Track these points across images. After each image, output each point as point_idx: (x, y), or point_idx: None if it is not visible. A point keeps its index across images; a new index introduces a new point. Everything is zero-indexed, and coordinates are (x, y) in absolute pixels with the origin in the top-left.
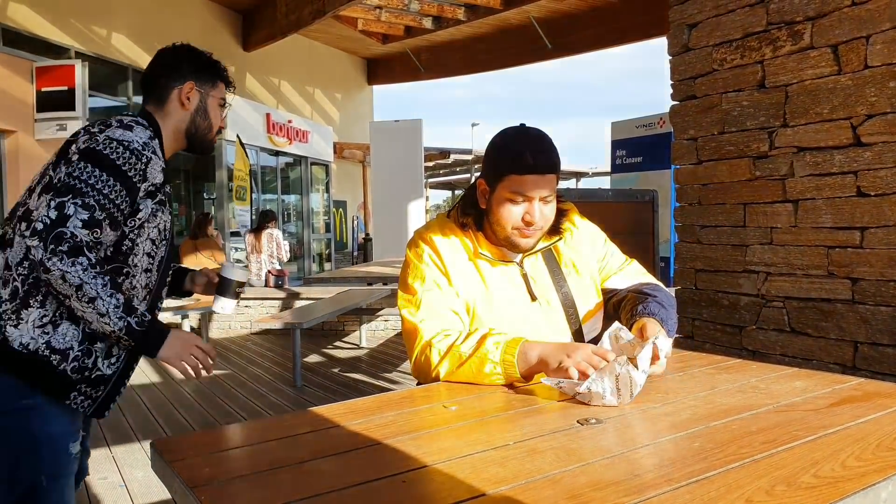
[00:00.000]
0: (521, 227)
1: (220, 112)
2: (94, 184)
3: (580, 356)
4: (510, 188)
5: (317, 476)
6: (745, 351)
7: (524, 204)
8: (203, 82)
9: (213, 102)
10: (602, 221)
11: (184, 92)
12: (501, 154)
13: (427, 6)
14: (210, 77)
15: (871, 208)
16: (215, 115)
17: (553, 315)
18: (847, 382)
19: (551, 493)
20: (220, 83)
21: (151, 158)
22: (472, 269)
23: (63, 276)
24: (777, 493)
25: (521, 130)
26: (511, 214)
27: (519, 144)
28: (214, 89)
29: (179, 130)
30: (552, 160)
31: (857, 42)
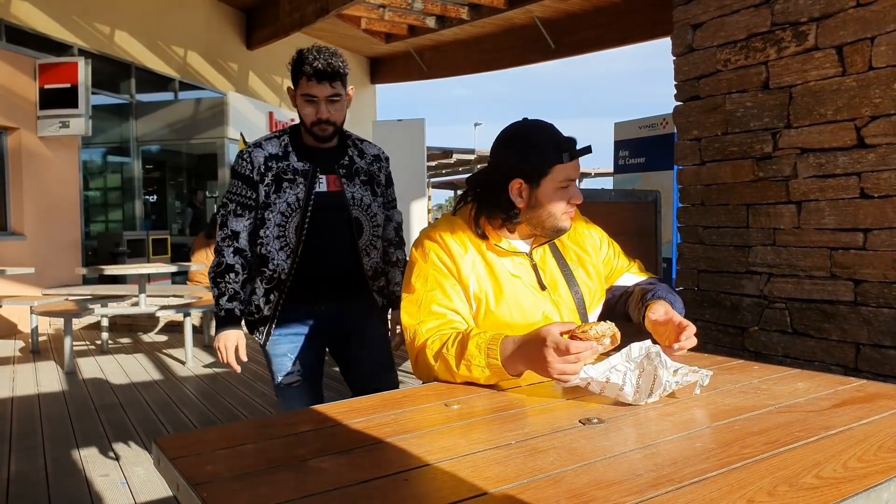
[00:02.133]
0: (569, 210)
1: (307, 106)
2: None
3: (556, 366)
4: (559, 178)
5: (318, 474)
6: (748, 352)
7: (569, 188)
8: (293, 81)
9: (299, 100)
10: (605, 222)
11: (290, 94)
12: (540, 150)
13: (430, 5)
14: (293, 76)
15: (874, 210)
16: (303, 109)
17: (562, 305)
18: (849, 384)
19: (553, 493)
20: (300, 79)
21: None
22: (483, 261)
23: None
24: (779, 493)
25: (539, 124)
26: (562, 201)
27: (552, 138)
28: (297, 88)
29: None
30: (581, 143)
31: (861, 43)
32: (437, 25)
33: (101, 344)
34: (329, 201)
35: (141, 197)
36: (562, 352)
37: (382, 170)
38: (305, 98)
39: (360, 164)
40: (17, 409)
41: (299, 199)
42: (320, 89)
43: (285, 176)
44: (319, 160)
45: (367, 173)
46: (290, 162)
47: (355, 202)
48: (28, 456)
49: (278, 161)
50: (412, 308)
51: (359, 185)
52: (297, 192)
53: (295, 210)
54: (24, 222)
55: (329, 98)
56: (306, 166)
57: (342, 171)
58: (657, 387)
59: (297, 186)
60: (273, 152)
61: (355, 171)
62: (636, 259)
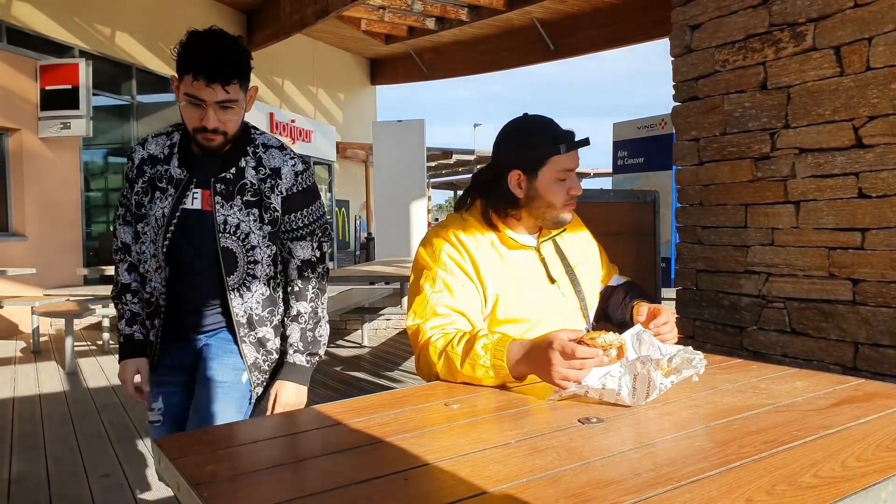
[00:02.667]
0: (569, 201)
1: (190, 108)
2: None
3: (560, 371)
4: (557, 169)
5: (319, 474)
6: (746, 351)
7: (568, 179)
8: (177, 69)
9: (181, 98)
10: (604, 222)
11: (173, 84)
12: (538, 142)
13: (430, 7)
14: (178, 65)
15: (872, 210)
16: (185, 111)
17: (569, 300)
18: (848, 383)
19: (552, 492)
20: (184, 74)
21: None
22: (496, 256)
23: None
24: (777, 492)
25: (538, 118)
26: (561, 192)
27: (550, 128)
28: (181, 81)
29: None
30: (578, 135)
31: (859, 44)
32: (437, 27)
33: (102, 344)
34: (197, 222)
35: None
36: (568, 355)
37: (277, 188)
38: (189, 99)
39: (250, 178)
40: (18, 409)
41: (165, 214)
42: (209, 93)
43: (159, 184)
44: (199, 168)
45: (256, 192)
46: (169, 167)
47: (227, 228)
48: (29, 456)
49: (156, 164)
50: (418, 308)
51: (239, 207)
52: (164, 206)
53: (161, 226)
54: (25, 223)
55: (220, 104)
56: (182, 174)
57: (220, 186)
58: (652, 389)
59: (166, 198)
60: (153, 153)
61: (240, 188)
62: (615, 264)
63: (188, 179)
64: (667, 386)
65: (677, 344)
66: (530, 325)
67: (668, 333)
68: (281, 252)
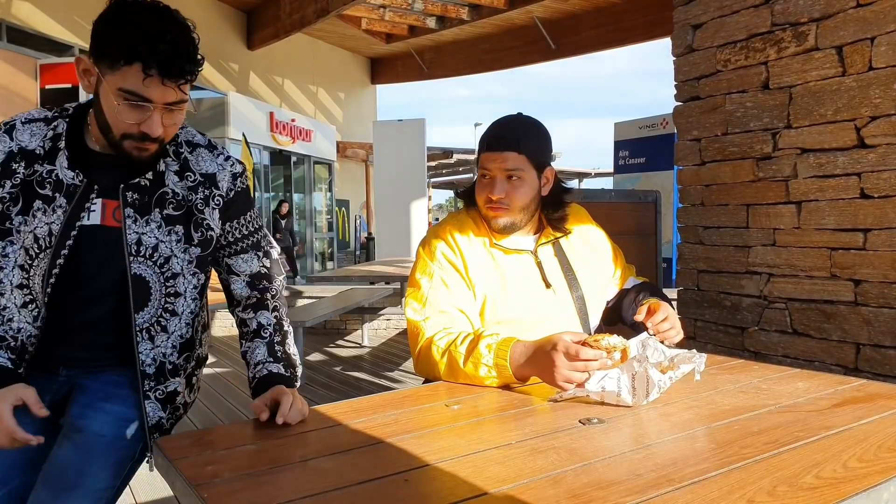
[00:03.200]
0: (490, 204)
1: (127, 109)
2: None
3: (563, 372)
4: (480, 166)
5: (319, 474)
6: (748, 352)
7: (490, 180)
8: (101, 53)
9: (111, 92)
10: (605, 222)
11: (83, 68)
12: (479, 139)
13: (431, 6)
14: (104, 46)
15: (874, 210)
16: (119, 113)
17: (565, 304)
18: (849, 383)
19: (553, 493)
20: (120, 61)
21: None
22: (488, 258)
23: None
24: (779, 493)
25: (500, 119)
26: (481, 192)
27: (490, 127)
28: (112, 70)
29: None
30: (514, 138)
31: (861, 43)
32: (438, 26)
33: None
34: (95, 243)
35: None
36: (572, 357)
37: (213, 200)
38: (128, 98)
39: (172, 186)
40: None
41: (53, 232)
42: (160, 92)
43: (41, 190)
44: (99, 171)
45: (182, 203)
46: (55, 168)
47: (142, 250)
48: None
49: (32, 163)
50: (417, 304)
51: (158, 223)
52: (50, 221)
53: (44, 249)
54: None
55: (169, 105)
56: (77, 179)
57: (132, 195)
58: (651, 387)
59: (53, 211)
60: (27, 146)
61: (159, 199)
62: (631, 264)
63: (86, 186)
64: (666, 384)
65: (680, 345)
66: (520, 329)
67: (668, 331)
68: (219, 273)
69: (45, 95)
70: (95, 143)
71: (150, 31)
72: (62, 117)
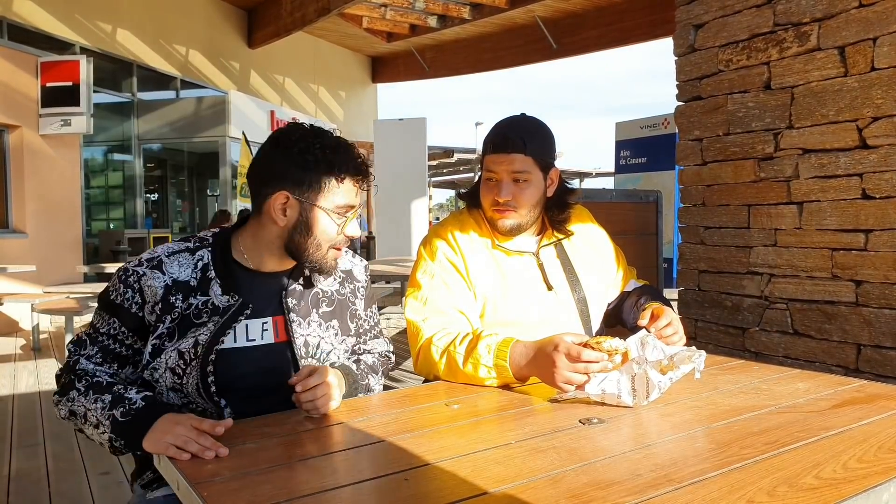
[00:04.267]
0: (496, 206)
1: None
2: None
3: (563, 373)
4: (485, 169)
5: (319, 473)
6: (748, 352)
7: (496, 182)
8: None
9: (317, 211)
10: (606, 222)
11: (277, 203)
12: (484, 142)
13: (432, 5)
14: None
15: (875, 211)
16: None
17: (567, 306)
18: (849, 384)
19: (553, 493)
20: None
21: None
22: (490, 259)
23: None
24: (778, 494)
25: (507, 117)
26: (488, 193)
27: (495, 128)
28: (322, 196)
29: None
30: (519, 140)
31: (864, 44)
32: (439, 25)
33: None
34: (252, 359)
35: (142, 195)
36: (573, 358)
37: (359, 290)
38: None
39: (321, 286)
40: (18, 406)
41: (200, 342)
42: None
43: (197, 320)
44: (255, 290)
45: (332, 300)
46: (210, 297)
47: (308, 351)
48: (29, 453)
49: (189, 294)
50: (417, 304)
51: (317, 322)
52: (198, 333)
53: (190, 362)
54: (25, 220)
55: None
56: (233, 300)
57: (291, 301)
58: (652, 388)
59: (204, 326)
60: (180, 277)
61: (313, 300)
62: (633, 266)
63: (240, 305)
64: (666, 384)
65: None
66: (521, 331)
67: (672, 337)
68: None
69: (45, 93)
70: (248, 260)
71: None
72: (203, 247)
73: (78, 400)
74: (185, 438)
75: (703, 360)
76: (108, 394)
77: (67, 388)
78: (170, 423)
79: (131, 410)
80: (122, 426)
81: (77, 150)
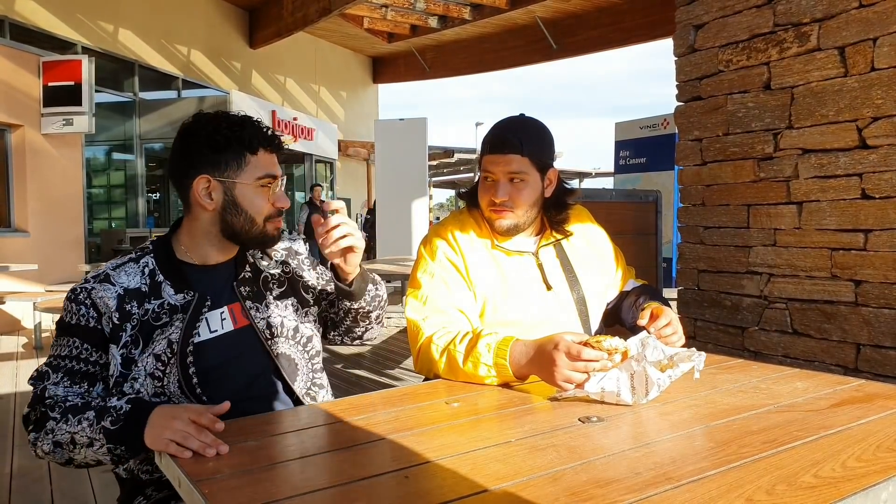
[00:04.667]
0: (493, 206)
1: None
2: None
3: (563, 372)
4: (483, 169)
5: (319, 471)
6: (748, 352)
7: (493, 183)
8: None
9: (242, 189)
10: (605, 222)
11: (200, 188)
12: (483, 142)
13: (433, 5)
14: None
15: (875, 211)
16: (250, 201)
17: (566, 306)
18: (848, 383)
19: (552, 490)
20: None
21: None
22: (489, 259)
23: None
24: (777, 492)
25: (506, 118)
26: (485, 193)
27: (493, 129)
28: (241, 172)
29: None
30: (517, 141)
31: (864, 44)
32: (440, 25)
33: None
34: (230, 345)
35: (144, 194)
36: (573, 357)
37: (304, 261)
38: (263, 181)
39: (267, 270)
40: (19, 404)
41: (173, 341)
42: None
43: (156, 322)
44: (206, 283)
45: (283, 280)
46: (164, 299)
47: (273, 332)
48: (30, 451)
49: (143, 301)
50: (417, 303)
51: (274, 305)
52: (168, 334)
53: (168, 362)
54: (27, 219)
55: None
56: (189, 296)
57: (244, 289)
58: (651, 386)
59: (171, 325)
60: (130, 286)
61: (264, 283)
62: (631, 266)
63: (198, 300)
64: (665, 382)
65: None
66: (520, 330)
67: (671, 336)
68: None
69: (47, 93)
70: (192, 257)
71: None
72: (145, 254)
73: (59, 428)
74: (183, 434)
75: (702, 360)
76: (90, 410)
77: (42, 422)
78: (166, 418)
79: (120, 417)
80: (116, 433)
81: (79, 150)
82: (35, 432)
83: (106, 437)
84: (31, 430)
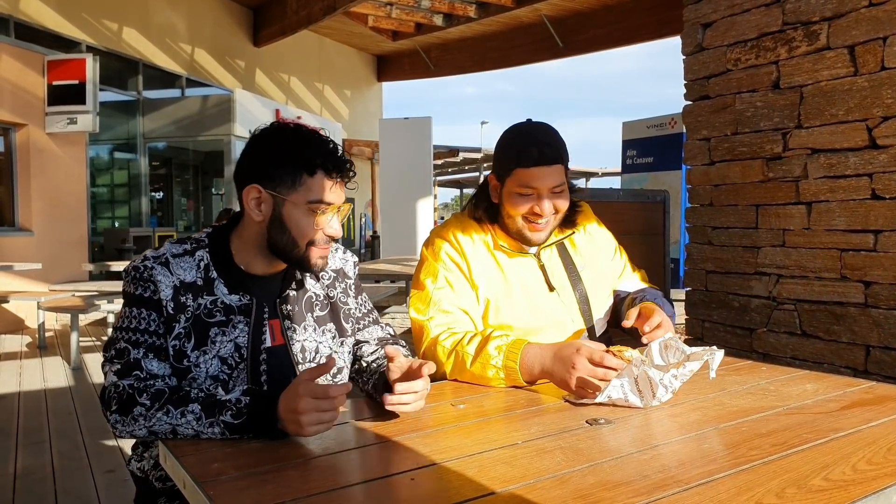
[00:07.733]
0: (531, 220)
1: (312, 220)
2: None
3: (582, 372)
4: (518, 182)
5: (324, 473)
6: (756, 353)
7: (533, 196)
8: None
9: (290, 208)
10: (612, 222)
11: (250, 196)
12: (507, 150)
13: (438, 3)
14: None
15: (885, 211)
16: (298, 224)
17: (569, 307)
18: (858, 385)
19: (559, 493)
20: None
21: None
22: (492, 261)
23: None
24: (787, 495)
25: (524, 125)
26: (521, 207)
27: (523, 138)
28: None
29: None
30: (556, 151)
31: (873, 43)
32: (445, 23)
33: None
34: (273, 363)
35: (147, 193)
36: (595, 362)
37: (350, 287)
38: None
39: (313, 289)
40: (23, 404)
41: (240, 345)
42: (340, 195)
43: (210, 319)
44: (258, 292)
45: (325, 303)
46: (217, 296)
47: (306, 356)
48: (34, 451)
49: (197, 295)
50: (421, 304)
51: (313, 327)
52: (234, 337)
53: (236, 366)
54: (31, 218)
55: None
56: (245, 299)
57: (286, 307)
58: (656, 387)
59: (234, 328)
60: (187, 279)
61: (307, 304)
62: (641, 268)
63: (258, 306)
64: (672, 382)
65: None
66: (522, 333)
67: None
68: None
69: (52, 92)
70: (246, 267)
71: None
72: (200, 248)
73: (154, 417)
74: (309, 419)
75: (719, 358)
76: (192, 402)
77: (128, 406)
78: (289, 410)
79: (242, 410)
80: (242, 427)
81: (83, 149)
82: (119, 414)
83: (229, 430)
84: (113, 410)
